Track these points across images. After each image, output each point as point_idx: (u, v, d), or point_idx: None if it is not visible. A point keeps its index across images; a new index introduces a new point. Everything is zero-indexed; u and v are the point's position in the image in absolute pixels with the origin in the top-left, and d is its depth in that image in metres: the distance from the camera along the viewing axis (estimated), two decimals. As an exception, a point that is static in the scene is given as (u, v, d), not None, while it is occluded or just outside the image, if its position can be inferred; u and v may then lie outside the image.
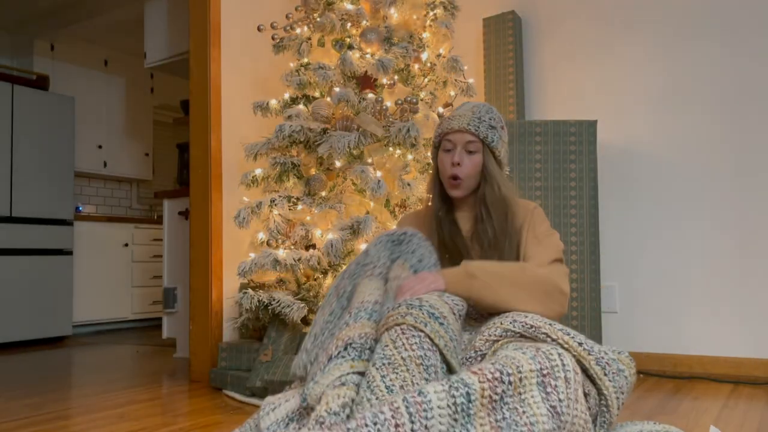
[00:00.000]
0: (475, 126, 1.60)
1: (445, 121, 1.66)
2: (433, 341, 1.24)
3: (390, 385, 1.17)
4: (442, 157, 1.64)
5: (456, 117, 1.63)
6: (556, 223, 2.58)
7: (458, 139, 1.61)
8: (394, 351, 1.22)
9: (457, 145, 1.61)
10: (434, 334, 1.25)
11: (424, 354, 1.22)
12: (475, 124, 1.60)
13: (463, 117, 1.62)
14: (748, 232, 2.67)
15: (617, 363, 1.28)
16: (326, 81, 2.47)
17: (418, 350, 1.22)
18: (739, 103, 2.71)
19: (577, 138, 2.61)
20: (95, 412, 2.14)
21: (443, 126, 1.65)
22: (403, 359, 1.21)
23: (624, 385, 1.27)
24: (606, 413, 1.26)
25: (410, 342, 1.23)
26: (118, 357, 3.55)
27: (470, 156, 1.60)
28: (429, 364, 1.22)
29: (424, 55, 2.60)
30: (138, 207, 6.01)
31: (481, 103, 1.68)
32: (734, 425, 1.82)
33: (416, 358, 1.21)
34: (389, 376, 1.18)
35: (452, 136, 1.62)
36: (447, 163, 1.62)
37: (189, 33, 2.88)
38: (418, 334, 1.24)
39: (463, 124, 1.61)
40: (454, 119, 1.63)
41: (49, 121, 4.42)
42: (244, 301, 2.37)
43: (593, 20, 3.04)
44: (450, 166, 1.61)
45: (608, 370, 1.26)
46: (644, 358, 2.80)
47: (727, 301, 2.68)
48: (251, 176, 2.54)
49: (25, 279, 4.18)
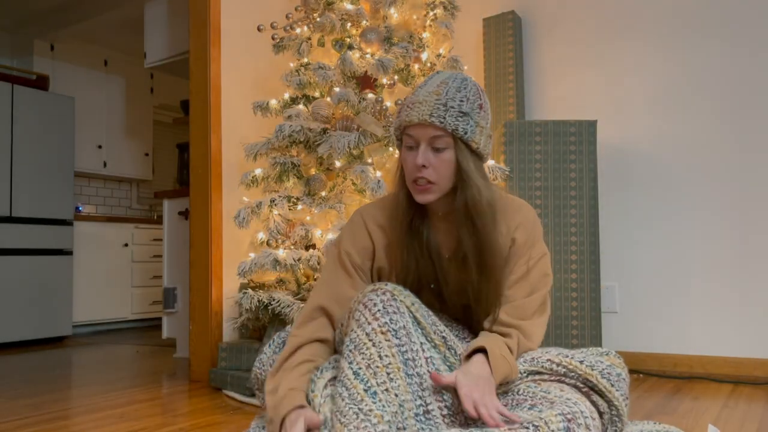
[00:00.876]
0: (440, 116, 1.23)
1: (404, 110, 1.28)
2: (397, 298, 1.21)
3: (356, 370, 1.14)
4: (405, 155, 1.29)
5: (416, 104, 1.25)
6: (556, 223, 2.59)
7: (421, 135, 1.25)
8: (359, 331, 1.18)
9: (420, 142, 1.26)
10: (397, 291, 1.23)
11: (390, 319, 1.18)
12: (439, 114, 1.23)
13: (424, 104, 1.24)
14: (748, 232, 2.67)
15: (614, 368, 1.26)
16: (326, 81, 2.47)
17: (382, 317, 1.18)
18: (740, 102, 2.71)
19: (577, 138, 2.62)
20: (95, 412, 2.14)
21: (401, 116, 1.28)
22: (367, 334, 1.17)
23: (625, 388, 1.26)
24: (618, 422, 1.25)
25: (372, 312, 1.19)
26: (118, 357, 3.55)
27: (438, 154, 1.25)
28: (397, 328, 1.18)
29: (424, 55, 2.60)
30: (138, 207, 6.01)
31: (451, 77, 1.29)
32: (734, 425, 1.82)
33: (381, 326, 1.17)
34: (355, 360, 1.15)
35: (413, 131, 1.26)
36: (410, 164, 1.27)
37: (189, 33, 2.88)
38: (380, 300, 1.20)
39: (424, 115, 1.23)
40: (414, 108, 1.25)
41: (49, 121, 4.42)
42: (244, 301, 2.37)
43: (593, 20, 3.04)
44: (414, 168, 1.26)
45: (612, 380, 1.24)
46: (644, 358, 2.80)
47: (727, 301, 2.68)
48: (251, 176, 2.54)
49: (25, 279, 4.18)
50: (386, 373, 1.14)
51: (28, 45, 5.04)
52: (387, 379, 1.14)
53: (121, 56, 5.56)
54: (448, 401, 1.21)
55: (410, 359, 1.20)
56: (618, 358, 1.31)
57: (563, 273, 2.57)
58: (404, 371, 1.17)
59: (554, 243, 2.58)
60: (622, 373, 1.27)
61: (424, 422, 1.18)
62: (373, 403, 1.10)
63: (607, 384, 1.23)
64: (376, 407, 1.10)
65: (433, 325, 1.27)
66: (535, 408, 1.18)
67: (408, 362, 1.19)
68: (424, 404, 1.19)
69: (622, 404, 1.24)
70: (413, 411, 1.17)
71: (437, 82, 1.28)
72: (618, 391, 1.23)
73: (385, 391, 1.12)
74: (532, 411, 1.17)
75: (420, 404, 1.19)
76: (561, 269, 2.57)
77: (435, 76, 1.31)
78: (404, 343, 1.19)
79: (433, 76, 1.31)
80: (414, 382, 1.19)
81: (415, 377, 1.19)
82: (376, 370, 1.14)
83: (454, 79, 1.28)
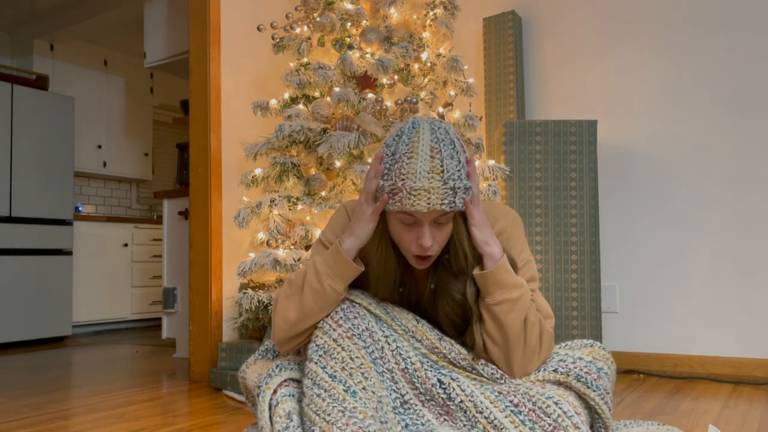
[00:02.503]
0: (450, 203, 1.17)
1: (404, 195, 1.16)
2: (354, 301, 1.28)
3: (332, 373, 1.19)
4: (399, 229, 1.22)
5: (420, 192, 1.15)
6: (556, 223, 2.58)
7: (425, 217, 1.19)
8: (326, 338, 1.24)
9: (423, 222, 1.19)
10: (353, 296, 1.29)
11: (352, 324, 1.24)
12: (449, 200, 1.17)
13: (431, 193, 1.15)
14: (748, 231, 2.67)
15: (594, 363, 1.26)
16: (326, 81, 2.46)
17: (345, 323, 1.24)
18: (740, 103, 2.71)
19: (577, 138, 2.61)
20: (95, 412, 2.14)
21: (402, 202, 1.16)
22: (335, 340, 1.23)
23: (608, 383, 1.27)
24: (598, 419, 1.26)
25: (335, 320, 1.25)
26: (118, 357, 3.55)
27: (440, 228, 1.21)
28: (360, 331, 1.24)
29: (424, 55, 2.60)
30: (138, 207, 6.00)
31: (434, 136, 1.18)
32: (734, 425, 1.81)
33: (346, 332, 1.23)
34: (329, 364, 1.20)
35: (417, 214, 1.18)
36: (409, 241, 1.22)
37: (189, 33, 2.88)
38: (340, 307, 1.27)
39: (435, 204, 1.16)
40: (419, 196, 1.15)
41: (49, 121, 4.41)
42: (244, 301, 2.37)
43: (593, 20, 3.04)
44: (416, 247, 1.22)
45: (589, 379, 1.24)
46: (644, 358, 2.80)
47: (727, 301, 2.68)
48: (251, 176, 2.54)
49: (25, 279, 4.17)
50: (360, 373, 1.20)
51: (28, 45, 5.04)
52: (362, 378, 1.19)
53: (121, 56, 5.56)
54: (421, 387, 1.26)
55: (377, 358, 1.26)
56: (602, 350, 1.31)
57: (563, 273, 2.57)
58: (375, 370, 1.24)
59: (554, 243, 2.58)
60: (603, 367, 1.27)
61: (404, 413, 1.25)
62: (356, 402, 1.15)
63: (582, 387, 1.24)
64: (360, 405, 1.15)
65: (395, 319, 1.31)
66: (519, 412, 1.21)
67: (376, 361, 1.25)
68: (400, 396, 1.26)
69: (600, 403, 1.24)
70: (391, 405, 1.24)
71: (426, 149, 1.17)
72: (595, 392, 1.23)
73: (363, 389, 1.18)
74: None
75: (396, 397, 1.25)
76: (561, 269, 2.57)
77: (415, 135, 1.18)
78: (369, 344, 1.25)
79: (413, 136, 1.19)
80: (386, 378, 1.26)
81: (386, 373, 1.26)
82: (351, 372, 1.19)
83: (438, 140, 1.18)
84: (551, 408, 1.17)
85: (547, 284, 2.57)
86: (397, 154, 1.19)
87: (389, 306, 1.33)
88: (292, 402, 1.25)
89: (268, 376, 1.29)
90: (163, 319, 3.61)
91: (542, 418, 1.16)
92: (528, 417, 1.17)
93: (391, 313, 1.31)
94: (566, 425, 1.15)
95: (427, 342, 1.30)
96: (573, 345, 1.35)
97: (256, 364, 1.43)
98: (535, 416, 1.17)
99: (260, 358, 1.47)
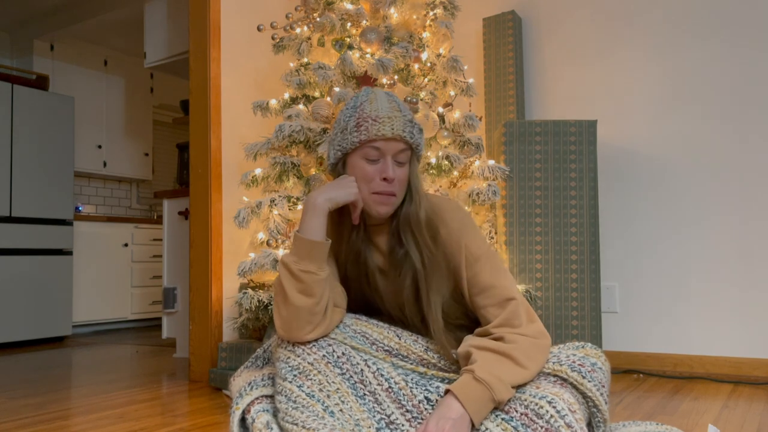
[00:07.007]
0: (410, 132, 1.30)
1: (370, 124, 1.29)
2: (329, 336, 1.27)
3: (309, 392, 1.19)
4: (364, 167, 1.30)
5: (383, 120, 1.29)
6: (556, 223, 2.59)
7: (388, 149, 1.29)
8: (299, 360, 1.23)
9: (386, 155, 1.29)
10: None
11: (327, 352, 1.24)
12: (409, 129, 1.30)
13: (394, 120, 1.29)
14: (748, 231, 2.67)
15: (588, 359, 1.27)
16: (326, 81, 2.46)
17: (319, 351, 1.24)
18: (740, 103, 2.71)
19: (577, 138, 2.61)
20: (95, 412, 2.14)
21: (368, 129, 1.29)
22: (311, 363, 1.22)
23: (602, 377, 1.27)
24: (597, 413, 1.26)
25: (308, 346, 1.25)
26: (118, 357, 3.55)
27: (400, 168, 1.31)
28: (336, 358, 1.24)
29: (424, 55, 2.60)
30: (138, 207, 6.01)
31: (384, 94, 1.35)
32: (734, 425, 1.82)
33: (322, 358, 1.23)
34: (305, 384, 1.20)
35: (381, 144, 1.28)
36: (375, 177, 1.29)
37: (189, 33, 2.88)
38: (314, 339, 1.26)
39: (397, 130, 1.28)
40: (384, 123, 1.28)
41: (49, 121, 4.41)
42: (244, 301, 2.37)
43: (593, 20, 3.04)
44: (381, 182, 1.29)
45: (584, 371, 1.24)
46: (644, 358, 2.80)
47: (727, 301, 2.68)
48: (251, 176, 2.54)
49: (25, 279, 4.18)
50: (338, 396, 1.21)
51: (28, 45, 5.04)
52: (339, 401, 1.20)
53: (120, 56, 5.56)
54: (408, 405, 1.25)
55: (357, 382, 1.25)
56: (595, 349, 1.31)
57: (563, 273, 2.57)
58: (354, 395, 1.23)
59: (554, 243, 2.58)
60: (597, 363, 1.27)
61: None
62: (335, 421, 1.17)
63: (577, 376, 1.24)
64: (339, 424, 1.17)
65: (374, 344, 1.30)
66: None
67: (356, 385, 1.24)
68: (385, 416, 1.24)
69: (596, 393, 1.24)
70: (374, 427, 1.22)
71: (384, 100, 1.32)
72: (590, 382, 1.24)
73: (340, 411, 1.19)
74: None
75: (380, 418, 1.24)
76: (561, 269, 2.57)
77: (372, 92, 1.35)
78: (346, 370, 1.25)
79: (369, 93, 1.35)
80: (368, 401, 1.24)
81: (368, 396, 1.25)
82: (329, 393, 1.20)
83: (390, 95, 1.35)
84: (544, 408, 1.16)
85: (547, 284, 2.57)
86: (357, 107, 1.32)
87: (369, 329, 1.31)
88: (268, 415, 1.24)
89: (239, 395, 1.29)
90: (163, 319, 3.62)
91: (534, 421, 1.16)
92: (520, 422, 1.17)
93: (371, 338, 1.30)
94: (558, 426, 1.14)
95: (413, 356, 1.30)
96: (565, 346, 1.36)
97: (242, 375, 1.41)
98: (527, 419, 1.16)
99: (250, 366, 1.46)
